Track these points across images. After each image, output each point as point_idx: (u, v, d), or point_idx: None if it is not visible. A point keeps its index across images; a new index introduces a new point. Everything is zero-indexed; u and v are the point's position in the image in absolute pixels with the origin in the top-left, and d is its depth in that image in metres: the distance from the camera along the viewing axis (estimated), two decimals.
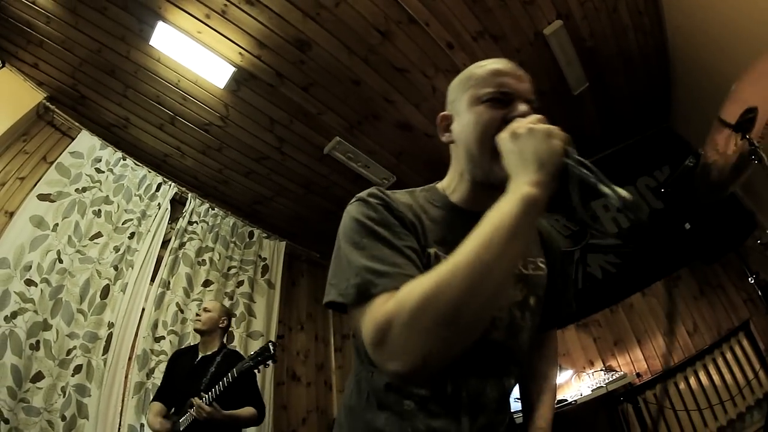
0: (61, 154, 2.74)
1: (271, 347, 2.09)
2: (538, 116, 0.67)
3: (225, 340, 2.49)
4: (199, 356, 2.32)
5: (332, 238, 0.97)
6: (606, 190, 0.55)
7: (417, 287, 0.54)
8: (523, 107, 0.73)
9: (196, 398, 2.03)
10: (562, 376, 3.06)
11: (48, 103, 2.78)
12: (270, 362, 2.09)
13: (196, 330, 2.41)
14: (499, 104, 0.74)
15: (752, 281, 2.43)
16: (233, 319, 3.23)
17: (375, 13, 2.55)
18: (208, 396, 2.03)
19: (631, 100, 3.65)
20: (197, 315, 2.45)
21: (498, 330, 0.72)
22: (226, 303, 3.30)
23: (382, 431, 0.69)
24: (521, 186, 0.57)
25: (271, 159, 3.34)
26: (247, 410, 2.14)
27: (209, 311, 2.41)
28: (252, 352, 2.18)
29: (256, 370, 2.16)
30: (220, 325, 2.41)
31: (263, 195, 3.66)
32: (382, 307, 0.56)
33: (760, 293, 2.50)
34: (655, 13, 3.03)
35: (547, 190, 0.58)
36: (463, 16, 2.68)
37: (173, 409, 2.21)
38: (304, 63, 2.74)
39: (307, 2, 2.44)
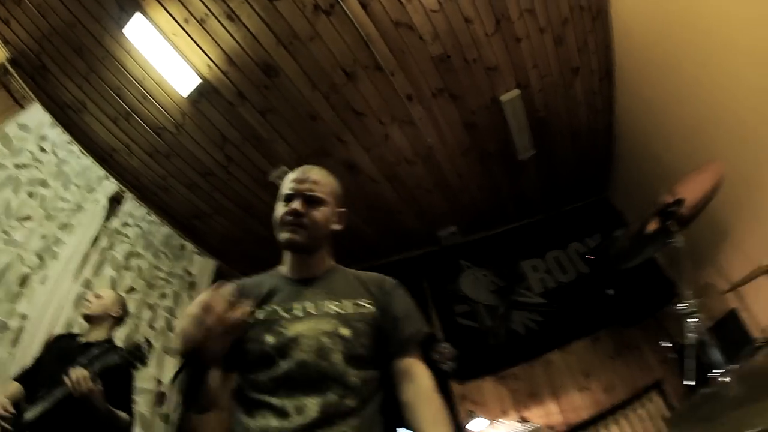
0: (7, 121, 2.72)
1: (144, 348, 1.88)
2: (208, 296, 0.96)
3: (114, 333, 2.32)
4: (81, 342, 2.17)
5: (265, 263, 1.29)
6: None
7: None
8: (293, 204, 1.17)
9: (78, 368, 1.75)
10: (476, 425, 3.38)
11: (8, 65, 2.79)
12: (139, 364, 1.89)
13: (83, 315, 2.26)
14: (287, 202, 1.20)
15: (665, 345, 2.75)
16: (153, 334, 3.30)
17: (345, 54, 2.88)
18: (89, 372, 1.76)
19: (574, 170, 4.18)
20: (87, 300, 2.30)
21: (306, 352, 1.01)
22: (147, 314, 3.32)
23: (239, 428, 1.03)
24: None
25: (217, 176, 3.50)
26: (124, 414, 1.95)
27: (101, 297, 2.31)
28: (122, 348, 1.99)
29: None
30: (112, 314, 2.29)
31: (203, 210, 3.76)
32: None
33: (673, 355, 2.90)
34: (609, 94, 3.56)
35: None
36: (428, 72, 3.08)
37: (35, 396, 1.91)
38: (267, 88, 3.00)
39: (284, 30, 2.72)
